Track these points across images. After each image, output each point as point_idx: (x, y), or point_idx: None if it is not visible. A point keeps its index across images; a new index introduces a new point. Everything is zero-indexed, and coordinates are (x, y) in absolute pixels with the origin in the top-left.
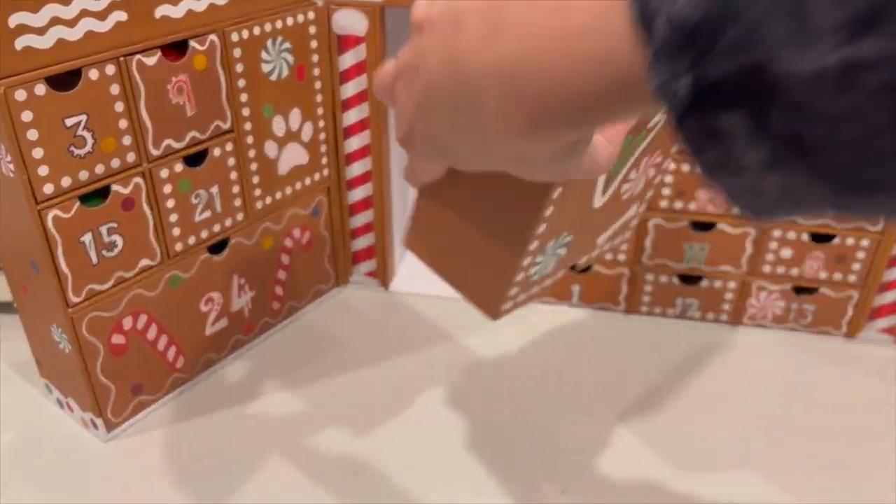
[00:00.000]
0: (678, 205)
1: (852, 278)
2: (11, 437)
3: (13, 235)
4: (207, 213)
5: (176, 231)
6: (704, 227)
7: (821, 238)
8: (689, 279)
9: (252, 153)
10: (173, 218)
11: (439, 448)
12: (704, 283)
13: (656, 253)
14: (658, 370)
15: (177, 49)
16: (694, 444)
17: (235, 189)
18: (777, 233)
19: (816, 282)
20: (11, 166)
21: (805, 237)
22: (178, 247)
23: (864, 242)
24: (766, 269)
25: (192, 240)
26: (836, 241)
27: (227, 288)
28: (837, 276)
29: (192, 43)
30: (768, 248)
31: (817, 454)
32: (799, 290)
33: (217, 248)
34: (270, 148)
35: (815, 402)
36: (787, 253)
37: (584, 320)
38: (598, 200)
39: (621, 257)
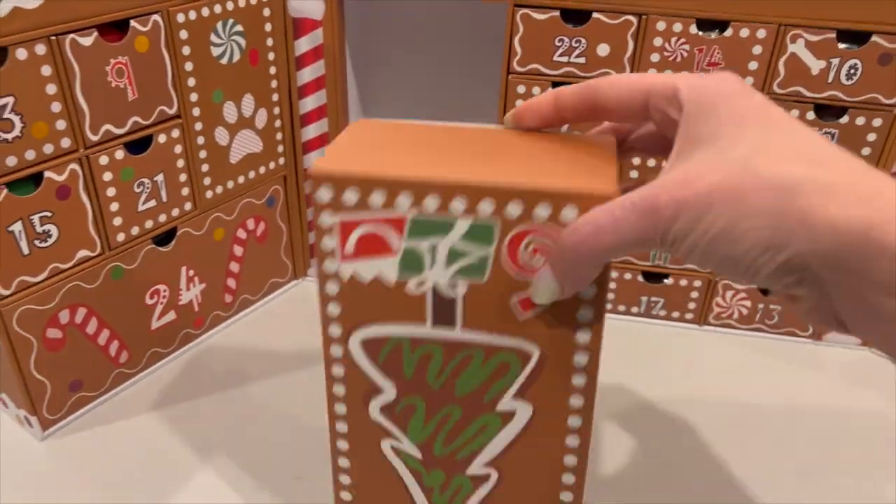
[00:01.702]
0: None
1: None
2: None
3: None
4: (152, 203)
5: (117, 221)
6: None
7: None
8: (654, 277)
9: (201, 140)
10: (114, 207)
11: None
12: (669, 282)
13: None
14: (620, 370)
15: (117, 29)
16: (656, 446)
17: (183, 177)
18: None
19: None
20: None
21: None
22: (121, 237)
23: None
24: None
25: (135, 230)
26: None
27: (174, 280)
28: None
29: (133, 23)
30: None
31: (779, 459)
32: (766, 291)
33: (163, 238)
34: (221, 135)
35: (779, 405)
36: None
37: None
38: None
39: None
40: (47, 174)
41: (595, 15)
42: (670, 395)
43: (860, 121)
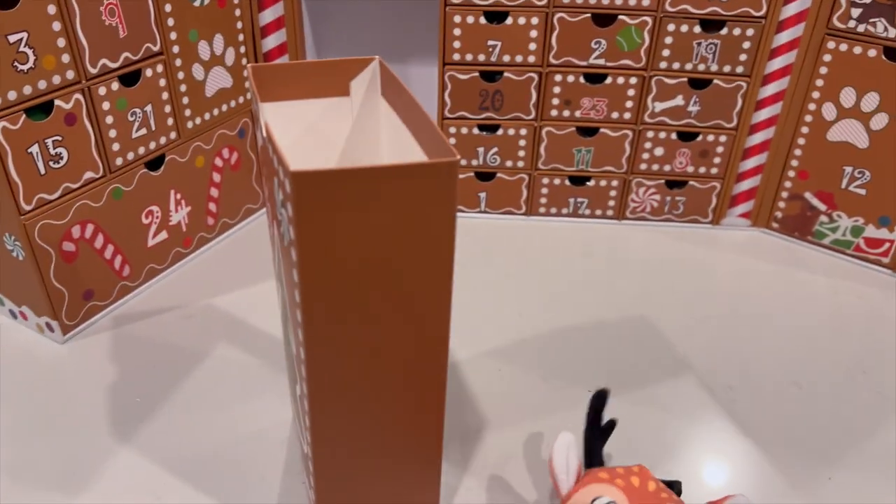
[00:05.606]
0: (566, 113)
1: (714, 171)
2: None
3: None
4: (144, 131)
5: (116, 146)
6: (589, 132)
7: (686, 136)
8: (579, 180)
9: (181, 75)
10: (112, 134)
11: None
12: (591, 183)
13: (550, 158)
14: (559, 264)
15: None
16: (589, 311)
17: (167, 109)
18: (650, 133)
19: (685, 176)
20: None
21: (673, 136)
22: (119, 161)
23: (722, 138)
24: (643, 166)
25: (130, 155)
26: (699, 138)
27: (165, 202)
28: (702, 170)
29: None
30: (644, 148)
31: (693, 311)
32: (671, 185)
33: (154, 164)
34: (197, 71)
35: (688, 277)
36: (659, 151)
37: (491, 223)
38: None
39: (520, 164)
40: (57, 102)
41: None
42: (597, 279)
43: (737, 31)
